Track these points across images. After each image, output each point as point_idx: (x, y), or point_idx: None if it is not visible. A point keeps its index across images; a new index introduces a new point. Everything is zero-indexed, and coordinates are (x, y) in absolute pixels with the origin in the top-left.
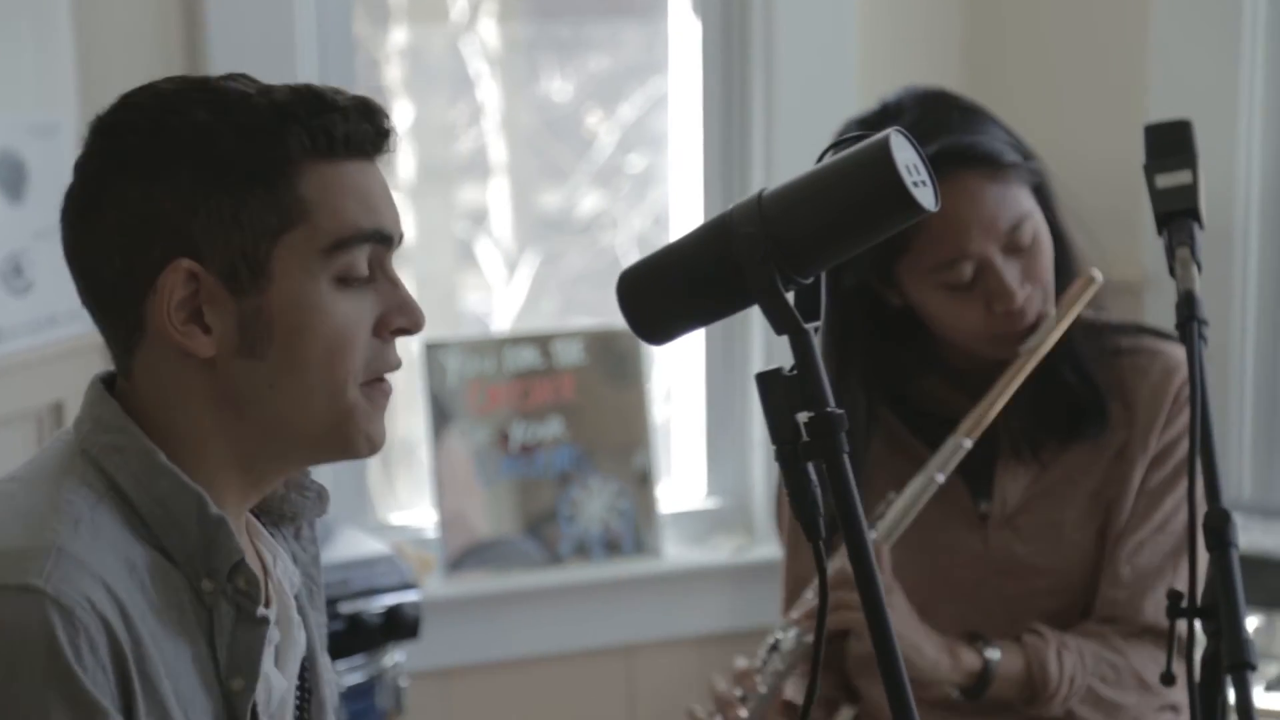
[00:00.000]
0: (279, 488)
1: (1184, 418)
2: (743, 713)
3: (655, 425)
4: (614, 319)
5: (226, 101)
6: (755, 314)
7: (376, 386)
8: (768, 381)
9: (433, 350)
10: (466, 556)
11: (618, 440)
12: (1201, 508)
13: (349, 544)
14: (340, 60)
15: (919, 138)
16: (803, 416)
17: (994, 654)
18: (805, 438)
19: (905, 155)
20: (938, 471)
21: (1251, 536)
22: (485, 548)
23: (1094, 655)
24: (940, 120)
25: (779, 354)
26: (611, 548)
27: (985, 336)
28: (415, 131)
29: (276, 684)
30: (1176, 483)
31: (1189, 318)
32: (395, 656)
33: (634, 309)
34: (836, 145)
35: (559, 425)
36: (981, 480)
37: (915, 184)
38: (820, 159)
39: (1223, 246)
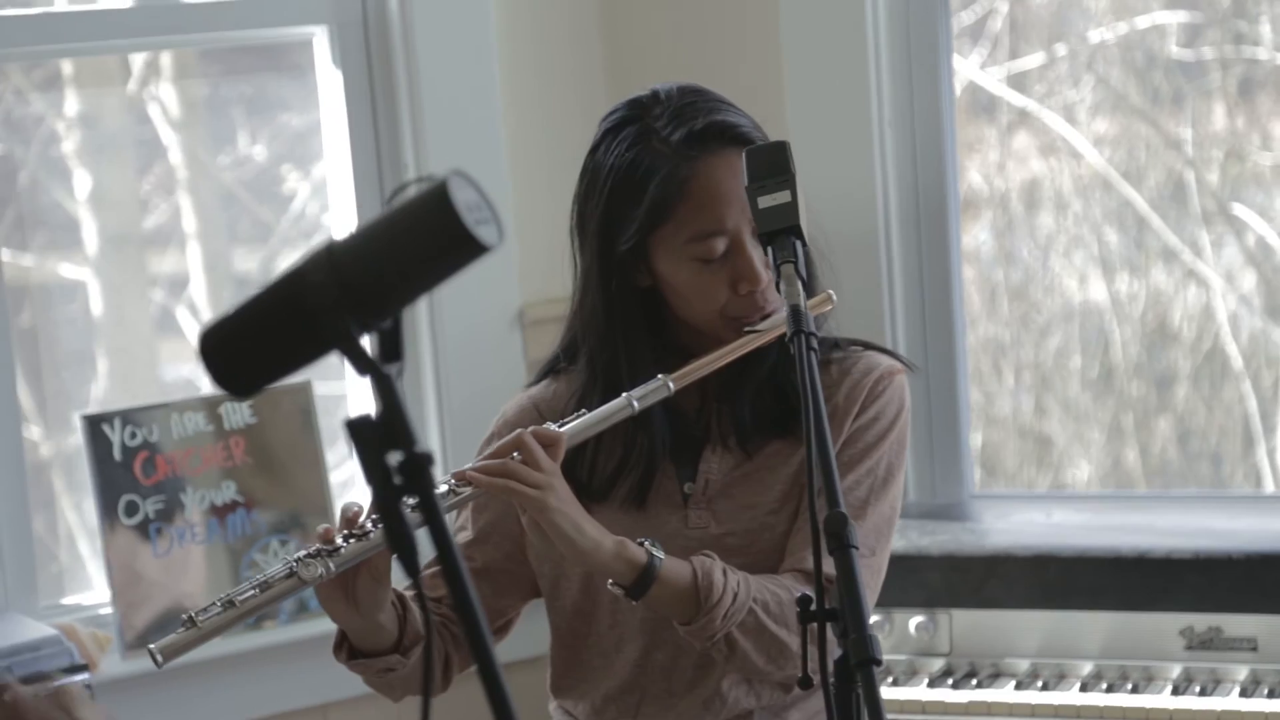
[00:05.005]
0: None
1: (876, 407)
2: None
3: (331, 478)
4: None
5: None
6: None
7: None
8: (356, 428)
9: (93, 422)
10: (150, 631)
11: (295, 498)
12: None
13: (13, 630)
14: None
15: (681, 115)
16: (395, 457)
17: (660, 554)
18: (397, 479)
19: (465, 195)
20: (635, 399)
21: (910, 539)
22: (167, 621)
23: (758, 583)
24: (702, 102)
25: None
26: (299, 607)
27: (723, 316)
28: (95, 202)
29: None
30: (862, 460)
31: (796, 331)
32: None
33: (217, 366)
34: (403, 187)
35: (233, 489)
36: (689, 465)
37: (478, 222)
38: (390, 200)
39: (870, 251)
